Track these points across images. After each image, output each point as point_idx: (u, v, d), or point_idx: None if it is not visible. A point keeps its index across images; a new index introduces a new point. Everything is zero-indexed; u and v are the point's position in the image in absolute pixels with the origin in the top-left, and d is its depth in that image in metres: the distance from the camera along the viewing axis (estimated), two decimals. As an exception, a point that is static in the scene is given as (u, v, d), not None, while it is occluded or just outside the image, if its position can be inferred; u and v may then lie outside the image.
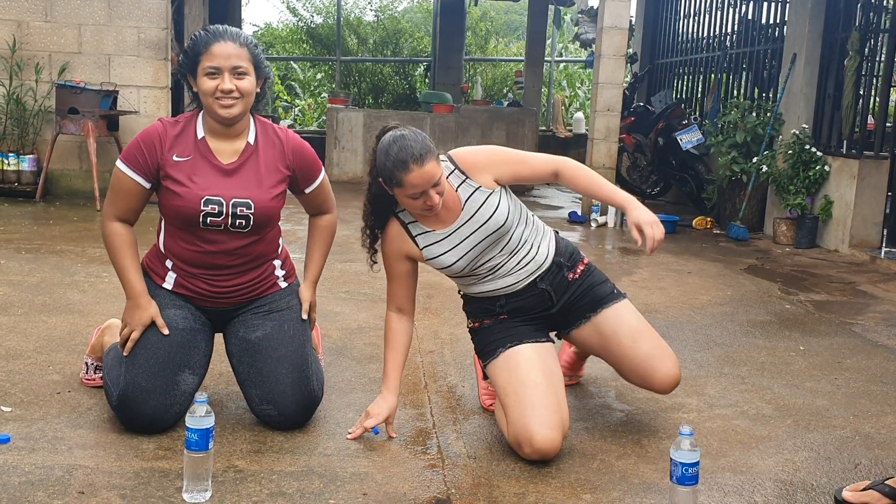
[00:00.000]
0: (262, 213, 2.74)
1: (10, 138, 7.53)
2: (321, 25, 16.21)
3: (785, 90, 7.88)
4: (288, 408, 2.72)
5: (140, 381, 2.61)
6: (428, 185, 2.57)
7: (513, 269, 2.82)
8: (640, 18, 12.23)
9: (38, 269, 4.75)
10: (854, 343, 4.21)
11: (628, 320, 2.90)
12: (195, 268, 2.76)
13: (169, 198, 2.70)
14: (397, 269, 2.84)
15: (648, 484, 2.50)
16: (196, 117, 2.79)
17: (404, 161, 2.55)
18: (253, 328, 2.80)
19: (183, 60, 2.74)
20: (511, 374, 2.71)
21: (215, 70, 2.65)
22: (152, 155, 2.70)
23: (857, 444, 2.90)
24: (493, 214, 2.75)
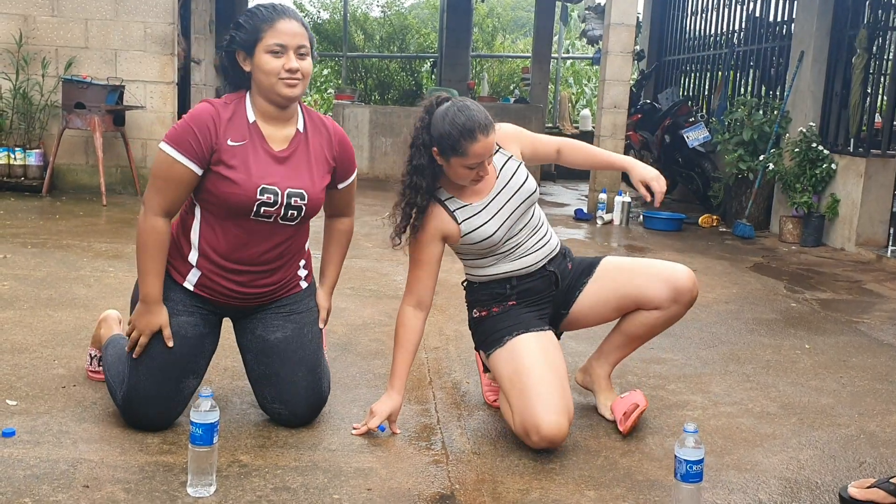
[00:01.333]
0: (314, 204, 2.65)
1: (16, 133, 7.55)
2: (328, 21, 16.24)
3: (792, 88, 7.86)
4: (299, 408, 2.71)
5: (144, 389, 2.59)
6: (487, 155, 2.63)
7: (531, 248, 2.85)
8: (647, 15, 12.21)
9: (44, 263, 4.76)
10: (860, 342, 4.20)
11: (626, 259, 3.00)
12: (229, 262, 2.61)
13: (221, 185, 2.53)
14: (429, 253, 2.79)
15: (653, 481, 2.50)
16: (244, 100, 2.63)
17: (472, 130, 2.57)
18: (273, 329, 2.73)
19: (237, 35, 2.56)
20: (515, 363, 2.72)
21: (281, 48, 2.52)
22: (206, 139, 2.51)
23: (863, 442, 2.89)
24: (525, 182, 2.81)
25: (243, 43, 2.56)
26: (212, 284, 2.64)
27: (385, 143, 10.60)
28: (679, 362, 3.67)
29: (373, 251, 5.74)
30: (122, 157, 7.75)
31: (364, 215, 7.45)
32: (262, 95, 2.59)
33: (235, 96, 2.64)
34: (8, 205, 6.81)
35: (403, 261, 5.43)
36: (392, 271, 5.14)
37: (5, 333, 3.47)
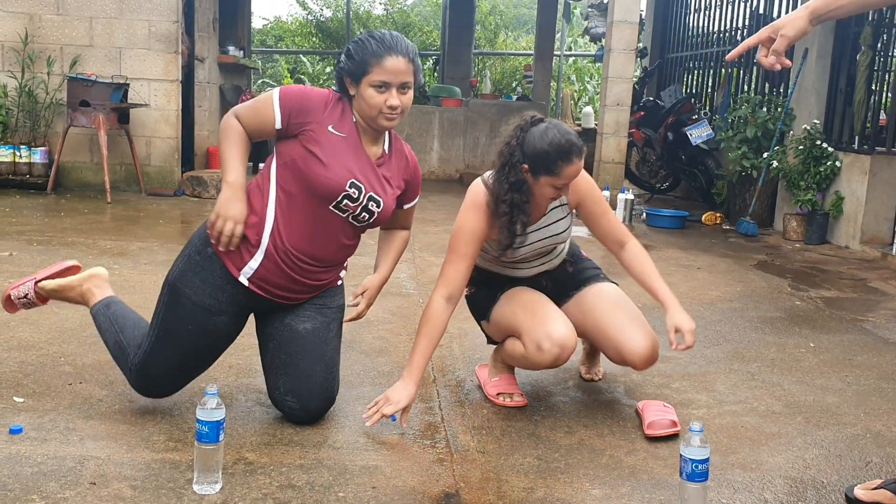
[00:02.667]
0: (384, 215, 2.75)
1: (21, 130, 7.56)
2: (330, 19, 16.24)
3: (796, 85, 7.85)
4: (312, 404, 2.73)
5: (161, 368, 2.71)
6: (574, 177, 2.73)
7: (533, 266, 3.04)
8: (650, 12, 12.20)
9: (50, 260, 4.76)
10: (865, 340, 4.20)
11: (609, 295, 3.04)
12: (294, 250, 2.63)
13: (313, 165, 2.59)
14: (472, 249, 2.85)
15: (658, 480, 2.50)
16: (348, 105, 2.71)
17: (569, 152, 2.68)
18: (303, 318, 2.75)
19: (347, 64, 2.65)
20: (517, 301, 2.94)
21: (385, 85, 2.60)
22: (307, 110, 2.63)
23: (868, 441, 2.89)
24: (561, 232, 2.97)
25: (350, 73, 2.65)
26: (268, 275, 2.65)
27: (388, 141, 10.60)
28: (683, 360, 3.67)
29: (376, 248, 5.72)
30: (127, 155, 7.76)
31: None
32: (362, 118, 2.69)
33: (343, 100, 2.72)
34: (13, 202, 6.82)
35: (407, 258, 5.46)
36: (396, 269, 5.14)
37: (11, 331, 3.48)
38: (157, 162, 7.94)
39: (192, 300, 2.64)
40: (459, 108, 10.70)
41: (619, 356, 2.94)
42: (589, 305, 3.02)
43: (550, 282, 3.09)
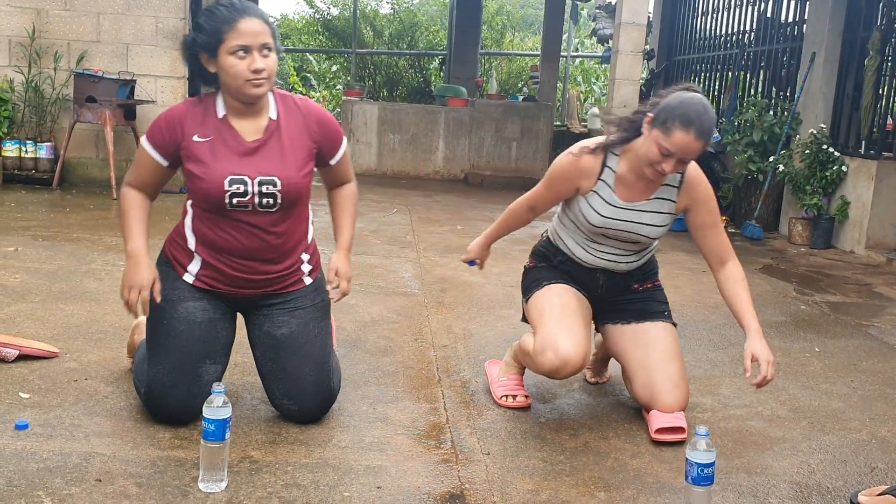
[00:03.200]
0: (290, 189, 2.64)
1: (28, 126, 7.57)
2: (337, 17, 16.23)
3: (803, 89, 7.84)
4: (308, 404, 2.73)
5: (162, 378, 2.61)
6: (683, 154, 2.65)
7: (602, 254, 2.97)
8: (657, 15, 12.18)
9: (55, 256, 4.78)
10: (870, 345, 4.19)
11: (666, 340, 2.97)
12: (225, 253, 2.65)
13: (193, 180, 2.61)
14: (563, 188, 2.90)
15: (663, 483, 2.50)
16: (216, 96, 2.66)
17: (689, 122, 2.59)
18: (278, 325, 2.75)
19: (198, 38, 2.54)
20: (550, 300, 2.92)
21: (244, 49, 2.50)
22: (172, 134, 2.61)
23: (874, 447, 2.89)
24: (652, 226, 2.90)
25: (205, 45, 2.54)
26: (214, 273, 2.68)
27: (393, 140, 10.61)
28: (688, 364, 3.65)
29: (381, 248, 5.74)
30: (133, 151, 7.74)
31: (372, 211, 7.46)
32: (230, 95, 2.60)
33: (208, 94, 2.68)
34: (18, 197, 6.84)
35: (412, 258, 5.46)
36: (400, 268, 5.15)
37: (17, 326, 3.48)
38: (163, 159, 7.93)
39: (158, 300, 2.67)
40: (465, 108, 10.70)
41: (648, 402, 2.90)
42: (643, 343, 2.95)
43: (607, 283, 3.01)
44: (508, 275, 5.25)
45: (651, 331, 2.98)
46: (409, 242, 6.08)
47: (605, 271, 3.00)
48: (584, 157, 2.85)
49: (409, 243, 6.04)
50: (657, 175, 2.73)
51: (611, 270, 3.00)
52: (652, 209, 2.88)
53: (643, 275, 3.08)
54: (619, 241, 2.94)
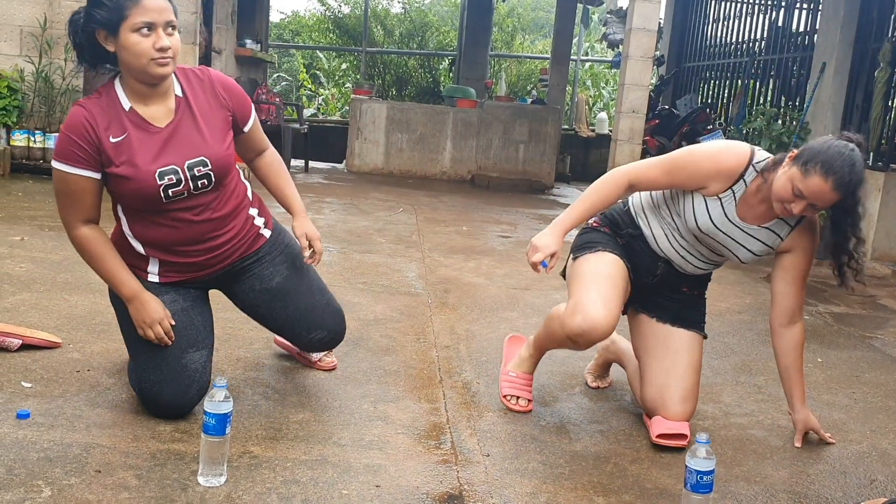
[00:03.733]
0: (220, 164, 2.57)
1: (37, 116, 7.59)
2: (348, 16, 16.23)
3: (813, 99, 7.82)
4: (334, 325, 2.96)
5: (150, 377, 2.60)
6: (814, 200, 2.53)
7: (679, 250, 2.90)
8: (668, 21, 12.18)
9: (61, 246, 4.78)
10: (873, 357, 4.18)
11: (693, 352, 2.95)
12: (176, 246, 2.61)
13: (120, 184, 2.48)
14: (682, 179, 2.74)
15: (661, 489, 2.50)
16: (113, 88, 2.48)
17: (830, 169, 2.48)
18: (269, 277, 2.83)
19: (96, 13, 2.37)
20: (598, 265, 2.85)
21: (149, 25, 2.36)
22: (89, 142, 2.43)
23: (874, 459, 2.88)
24: (749, 253, 2.81)
25: (105, 22, 2.37)
26: (176, 267, 2.66)
27: (401, 140, 10.61)
28: (690, 371, 3.66)
29: (386, 246, 5.75)
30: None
31: (377, 210, 7.46)
32: (133, 76, 2.45)
33: (104, 88, 2.51)
34: (26, 187, 6.85)
35: (416, 257, 5.46)
36: (405, 267, 5.15)
37: (21, 315, 3.49)
38: (171, 152, 7.95)
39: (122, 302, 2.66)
40: (474, 110, 10.70)
41: (655, 407, 2.88)
42: (672, 349, 2.92)
43: (663, 275, 2.95)
44: (512, 277, 5.25)
45: (682, 339, 2.95)
46: (414, 242, 6.08)
47: (669, 263, 2.93)
48: (726, 163, 2.70)
49: (414, 243, 6.05)
50: (784, 213, 2.63)
51: (675, 266, 2.94)
52: (759, 237, 2.78)
53: (698, 281, 3.05)
54: (706, 248, 2.88)
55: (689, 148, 2.82)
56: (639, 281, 2.98)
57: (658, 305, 3.01)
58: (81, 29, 2.43)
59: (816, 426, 2.94)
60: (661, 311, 3.00)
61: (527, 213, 8.43)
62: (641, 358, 3.01)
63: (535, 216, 8.25)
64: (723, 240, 2.80)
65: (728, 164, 2.70)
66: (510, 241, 6.63)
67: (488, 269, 5.41)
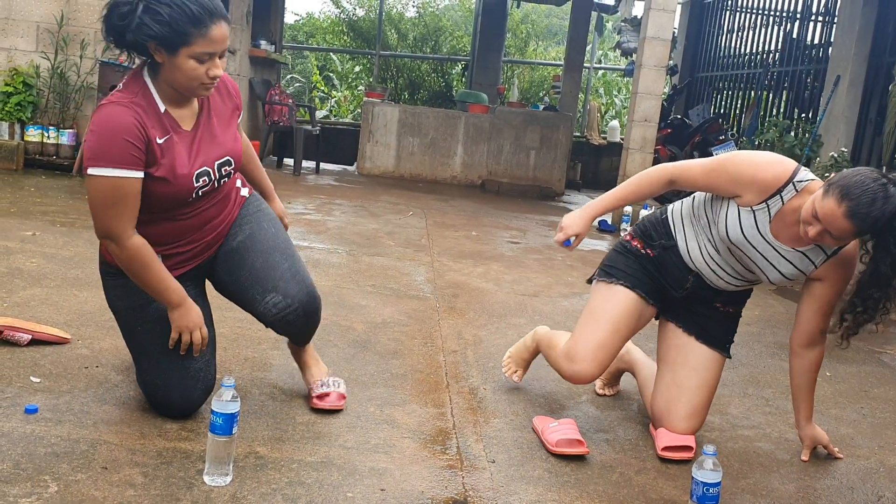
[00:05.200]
0: (238, 159, 2.64)
1: (51, 112, 7.63)
2: (362, 19, 16.27)
3: (826, 112, 7.80)
4: (292, 290, 2.65)
5: (155, 380, 2.60)
6: (827, 224, 2.45)
7: (709, 262, 2.85)
8: (682, 30, 12.17)
9: (72, 242, 4.80)
10: (882, 372, 4.16)
11: (711, 370, 2.93)
12: (184, 237, 2.60)
13: (157, 186, 2.41)
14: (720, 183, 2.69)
15: (667, 500, 2.49)
16: (146, 86, 2.41)
17: (844, 197, 2.40)
18: (231, 237, 2.71)
19: (154, 28, 2.26)
20: (603, 302, 2.92)
21: (210, 55, 2.35)
22: (142, 142, 2.35)
23: (882, 475, 2.87)
24: (779, 275, 2.74)
25: (163, 39, 2.29)
26: (177, 259, 2.62)
27: (412, 143, 10.62)
28: (698, 382, 3.65)
29: (395, 250, 5.75)
30: (153, 142, 7.80)
31: (387, 213, 7.47)
32: (172, 87, 2.41)
33: (136, 86, 2.41)
34: (38, 182, 6.88)
35: (425, 261, 5.47)
36: (413, 271, 5.15)
37: (32, 310, 3.51)
38: (183, 151, 7.97)
39: (124, 306, 2.63)
40: (486, 115, 10.70)
41: (661, 419, 2.89)
42: (691, 365, 2.91)
43: (692, 288, 2.90)
44: (521, 283, 5.24)
45: (703, 355, 2.92)
46: (424, 246, 6.09)
47: (699, 277, 2.88)
48: (765, 175, 2.63)
49: (424, 247, 6.05)
50: (805, 236, 2.56)
51: (705, 279, 2.89)
52: (791, 259, 2.70)
53: (731, 298, 2.97)
54: (737, 262, 2.80)
55: (735, 153, 2.78)
56: (668, 294, 2.96)
57: (688, 317, 2.97)
58: (132, 32, 2.30)
59: (825, 440, 2.93)
60: (689, 323, 2.96)
61: (536, 219, 8.43)
62: (659, 365, 3.02)
63: (545, 223, 8.24)
64: (753, 255, 2.72)
65: (766, 175, 2.62)
66: (519, 247, 6.62)
67: (497, 275, 5.41)
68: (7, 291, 3.74)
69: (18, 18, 7.57)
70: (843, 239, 2.51)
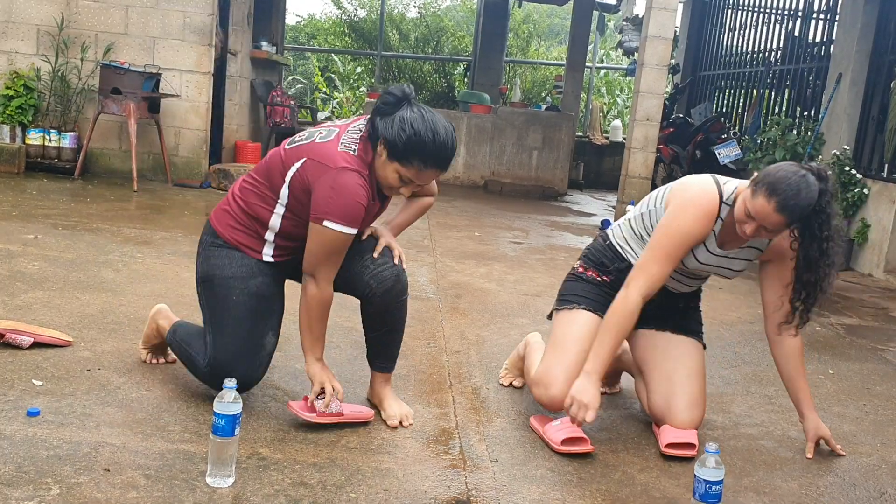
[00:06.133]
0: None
1: (52, 115, 7.64)
2: (364, 19, 16.29)
3: (828, 110, 7.79)
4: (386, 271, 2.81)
5: (231, 348, 2.72)
6: (761, 221, 2.57)
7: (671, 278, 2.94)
8: (684, 29, 12.16)
9: (74, 245, 4.81)
10: (885, 370, 4.16)
11: (694, 358, 2.98)
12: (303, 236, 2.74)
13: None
14: (683, 253, 2.77)
15: (669, 499, 2.49)
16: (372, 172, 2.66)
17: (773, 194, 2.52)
18: None
19: (393, 136, 2.55)
20: (566, 328, 2.95)
21: (411, 182, 2.63)
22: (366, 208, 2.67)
23: (884, 472, 2.86)
24: (734, 272, 2.92)
25: (390, 147, 2.57)
26: (286, 251, 2.80)
27: (415, 144, 10.61)
28: (701, 380, 3.64)
29: (398, 251, 5.74)
30: (155, 144, 7.82)
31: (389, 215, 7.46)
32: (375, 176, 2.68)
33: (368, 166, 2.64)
34: (40, 185, 6.89)
35: (428, 262, 5.47)
36: (416, 272, 5.15)
37: (33, 313, 3.51)
38: (185, 153, 7.99)
39: (226, 275, 2.75)
40: (488, 115, 10.71)
41: (663, 416, 2.89)
42: (672, 356, 2.96)
43: (657, 301, 2.88)
44: (524, 283, 5.24)
45: (682, 345, 2.99)
46: (426, 247, 6.09)
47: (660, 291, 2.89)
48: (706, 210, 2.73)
49: (426, 248, 6.05)
50: (742, 234, 2.67)
51: (667, 288, 2.98)
52: (741, 257, 2.88)
53: (689, 295, 3.11)
54: (692, 273, 2.97)
55: (664, 225, 2.76)
56: None
57: (656, 318, 3.02)
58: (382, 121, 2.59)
59: (827, 434, 2.94)
60: (660, 322, 3.03)
61: (539, 219, 8.43)
62: (644, 369, 3.02)
63: (548, 223, 8.24)
64: (707, 269, 2.91)
65: (708, 210, 2.73)
66: (522, 248, 6.62)
67: (500, 275, 5.40)
68: (9, 294, 3.74)
69: (19, 21, 7.59)
70: (776, 231, 2.65)
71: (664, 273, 2.77)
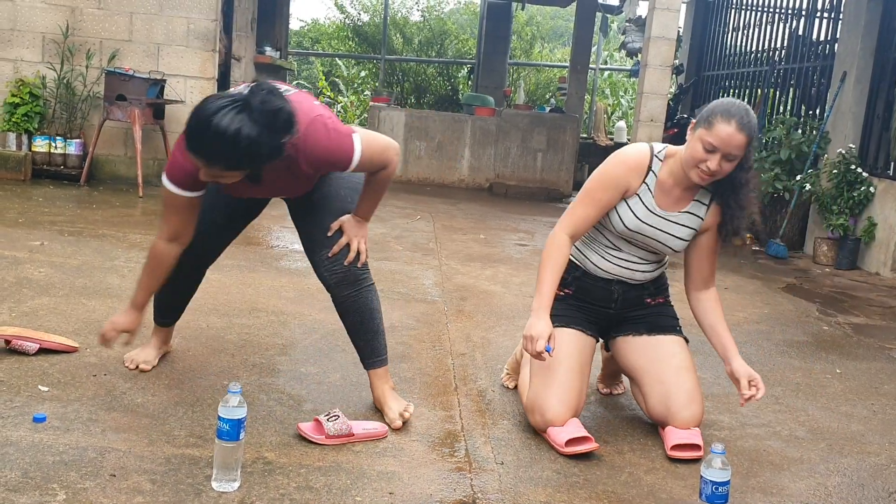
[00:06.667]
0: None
1: (58, 122, 7.66)
2: (367, 24, 16.30)
3: (833, 108, 7.77)
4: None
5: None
6: (726, 148, 2.67)
7: (619, 261, 2.98)
8: (687, 30, 12.15)
9: (80, 251, 4.82)
10: (892, 368, 4.14)
11: (680, 354, 2.97)
12: None
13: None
14: (607, 197, 2.85)
15: (676, 500, 2.48)
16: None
17: (731, 114, 2.66)
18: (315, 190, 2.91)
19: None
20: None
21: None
22: None
23: (893, 472, 2.85)
24: (678, 241, 2.92)
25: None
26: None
27: (419, 147, 10.63)
28: (707, 381, 3.63)
29: (403, 254, 5.75)
30: (160, 150, 7.83)
31: (395, 217, 7.47)
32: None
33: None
34: (46, 192, 6.91)
35: (434, 265, 5.46)
36: (421, 275, 5.15)
37: (40, 320, 3.52)
38: (190, 158, 7.99)
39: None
40: (492, 118, 10.70)
41: (664, 418, 2.88)
42: (657, 357, 2.95)
43: (622, 296, 3.00)
44: (529, 285, 5.23)
45: (664, 344, 2.98)
46: (432, 250, 6.09)
47: (621, 283, 3.00)
48: (631, 158, 2.86)
49: (431, 250, 6.05)
50: (702, 176, 2.74)
51: (626, 281, 3.00)
52: (682, 222, 2.91)
53: (655, 289, 3.09)
54: (640, 249, 2.96)
55: (593, 174, 2.91)
56: (603, 315, 3.04)
57: (631, 323, 3.04)
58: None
59: (756, 377, 2.84)
60: (636, 326, 3.03)
61: (544, 221, 8.42)
62: (634, 376, 3.02)
63: (553, 225, 8.23)
64: (652, 233, 2.90)
65: (634, 158, 2.86)
66: (527, 250, 6.62)
67: (505, 278, 5.40)
68: (16, 301, 3.75)
69: (24, 29, 7.61)
70: (738, 157, 2.71)
71: (588, 216, 2.86)
